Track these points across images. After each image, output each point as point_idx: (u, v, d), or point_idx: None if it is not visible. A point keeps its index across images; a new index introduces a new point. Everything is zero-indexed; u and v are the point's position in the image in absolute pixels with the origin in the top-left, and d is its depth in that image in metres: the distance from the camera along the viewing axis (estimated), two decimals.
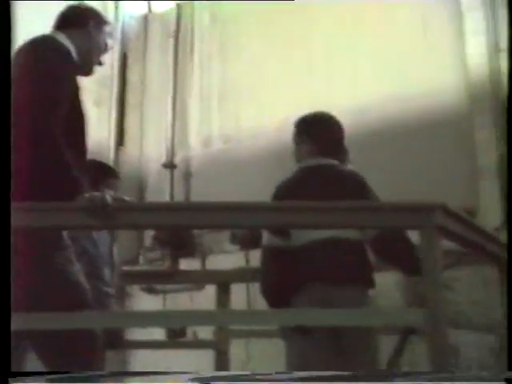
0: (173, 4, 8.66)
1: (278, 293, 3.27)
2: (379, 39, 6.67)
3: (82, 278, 2.72)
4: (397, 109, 6.39)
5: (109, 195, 2.45)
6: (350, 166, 3.58)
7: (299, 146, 3.51)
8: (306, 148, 3.46)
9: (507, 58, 2.88)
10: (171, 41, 8.41)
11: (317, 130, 3.47)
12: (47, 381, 2.34)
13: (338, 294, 3.12)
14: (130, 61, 8.66)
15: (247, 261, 6.42)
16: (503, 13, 5.41)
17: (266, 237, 3.38)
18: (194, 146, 7.98)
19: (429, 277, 2.44)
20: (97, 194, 2.46)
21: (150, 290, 6.93)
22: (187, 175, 7.89)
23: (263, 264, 3.39)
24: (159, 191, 7.90)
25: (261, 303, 3.43)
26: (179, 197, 7.77)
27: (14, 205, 2.46)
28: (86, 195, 2.46)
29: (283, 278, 3.25)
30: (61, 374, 2.46)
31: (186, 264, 7.17)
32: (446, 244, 2.64)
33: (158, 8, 8.98)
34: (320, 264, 3.19)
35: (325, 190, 3.24)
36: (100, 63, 3.03)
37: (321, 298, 3.12)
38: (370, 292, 3.30)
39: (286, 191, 3.37)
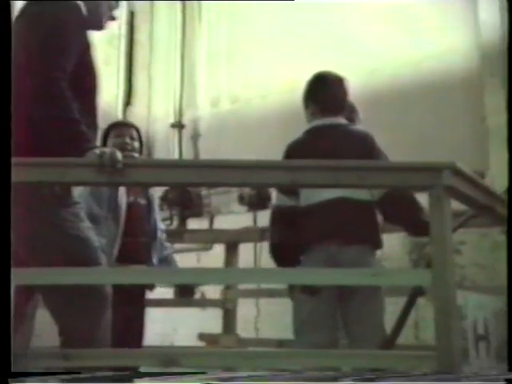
0: None
1: (287, 252, 3.27)
2: (389, 4, 6.59)
3: (92, 234, 2.72)
4: (407, 70, 6.34)
5: (118, 152, 2.43)
6: (359, 126, 3.56)
7: (307, 108, 3.51)
8: (312, 109, 3.46)
9: (507, 56, 2.86)
10: (179, 0, 8.34)
11: (319, 91, 3.47)
12: (61, 381, 2.36)
13: (345, 253, 3.12)
14: (138, 20, 8.60)
15: (255, 222, 6.44)
16: None
17: (275, 196, 3.39)
18: (202, 105, 7.95)
19: (437, 238, 2.42)
20: (106, 149, 2.45)
21: None
22: (195, 135, 7.88)
23: (272, 223, 3.40)
24: (167, 151, 7.91)
25: (268, 263, 3.45)
26: (187, 157, 7.78)
27: (18, 159, 2.45)
28: (96, 151, 2.44)
29: (291, 238, 3.26)
30: (67, 374, 2.47)
31: (193, 224, 7.19)
32: (454, 205, 2.62)
33: None
34: (328, 224, 3.19)
35: (333, 149, 3.22)
36: (113, 18, 3.00)
37: (328, 257, 3.12)
38: (378, 252, 3.31)
39: (296, 151, 3.36)
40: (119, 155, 2.43)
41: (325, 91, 3.46)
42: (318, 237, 3.19)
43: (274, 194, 3.42)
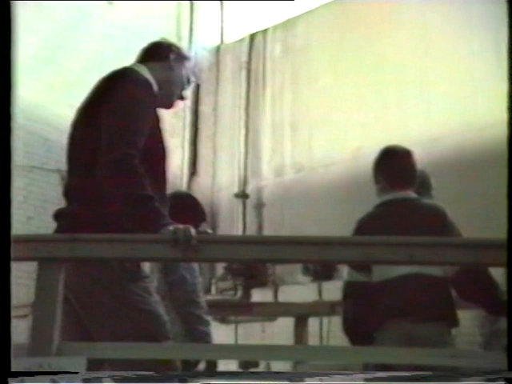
0: (245, 34, 8.76)
1: (360, 329, 3.23)
2: (451, 68, 6.60)
3: (161, 309, 2.73)
4: (470, 138, 6.30)
5: (192, 228, 2.45)
6: (430, 200, 3.53)
7: (377, 183, 3.52)
8: (382, 184, 3.47)
9: (507, 57, 2.81)
10: (243, 71, 8.50)
11: (387, 165, 3.48)
12: (83, 381, 2.35)
13: (420, 331, 3.06)
14: (203, 92, 8.78)
15: (320, 293, 6.37)
16: None
17: (347, 272, 3.36)
18: (266, 175, 8.01)
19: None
20: (181, 226, 2.47)
21: (223, 320, 6.95)
22: (259, 205, 7.92)
23: (345, 300, 3.37)
24: (231, 220, 7.95)
25: (335, 336, 3.40)
26: (251, 226, 7.81)
27: (94, 236, 2.50)
28: (170, 228, 2.47)
29: (365, 315, 3.21)
30: (66, 374, 2.45)
31: (257, 294, 7.17)
32: None
33: (230, 39, 9.09)
34: (402, 300, 3.14)
35: (404, 224, 3.20)
36: (182, 97, 3.06)
37: (403, 335, 3.07)
38: (454, 331, 3.23)
39: (366, 226, 3.35)
40: (193, 231, 2.44)
41: (393, 165, 3.47)
42: (392, 314, 3.14)
43: (345, 269, 3.39)
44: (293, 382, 3.22)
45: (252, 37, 8.68)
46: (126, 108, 2.69)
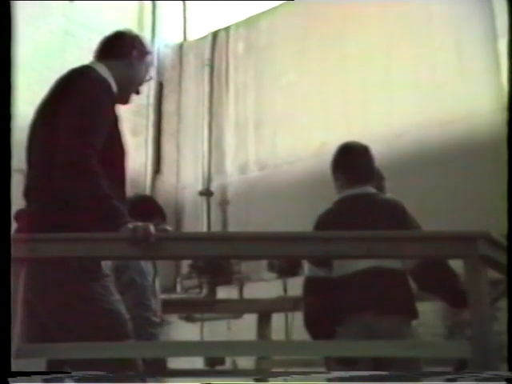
0: (208, 32, 8.74)
1: (321, 324, 3.25)
2: (414, 66, 6.66)
3: (122, 308, 2.71)
4: (433, 134, 6.36)
5: (152, 226, 2.45)
6: (389, 195, 3.56)
7: (336, 180, 3.54)
8: (341, 180, 3.49)
9: (507, 57, 2.84)
10: (206, 69, 8.48)
11: (346, 162, 3.50)
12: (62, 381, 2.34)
13: (381, 324, 3.09)
14: (166, 90, 8.75)
15: (285, 289, 6.39)
16: None
17: (307, 268, 3.38)
18: (231, 172, 8.01)
19: (475, 307, 2.38)
20: (140, 224, 2.46)
21: (188, 318, 6.94)
22: (224, 202, 7.91)
23: (306, 295, 3.38)
24: (196, 218, 7.94)
25: (299, 332, 3.41)
26: (216, 224, 7.80)
27: (51, 235, 2.49)
28: (129, 225, 2.46)
29: (325, 309, 3.23)
30: (60, 373, 2.45)
31: (223, 292, 7.17)
32: (491, 274, 2.59)
33: (193, 36, 9.06)
34: (362, 294, 3.17)
35: (364, 218, 3.23)
36: (138, 92, 3.04)
37: (364, 328, 3.09)
38: (414, 322, 3.26)
39: (326, 221, 3.37)
40: (152, 229, 2.44)
41: (351, 162, 3.50)
42: (353, 308, 3.16)
43: (306, 265, 3.41)
44: (258, 382, 3.22)
45: (215, 34, 8.66)
46: (84, 108, 2.68)
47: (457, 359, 2.96)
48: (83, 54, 3.42)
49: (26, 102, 3.00)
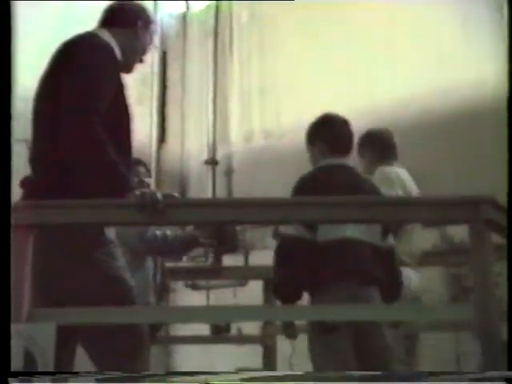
0: (211, 2, 8.69)
1: (296, 287, 3.26)
2: (418, 35, 6.62)
3: (126, 274, 2.73)
4: (437, 102, 6.35)
5: (159, 192, 2.46)
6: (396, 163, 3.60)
7: (313, 146, 3.57)
8: (320, 148, 3.52)
9: (507, 58, 2.85)
10: (210, 39, 8.44)
11: (328, 130, 3.52)
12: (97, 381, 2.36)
13: (363, 294, 3.11)
14: (170, 59, 8.72)
15: None
16: None
17: (294, 227, 3.31)
18: (236, 141, 8.00)
19: (478, 271, 2.41)
20: (147, 190, 2.48)
21: (194, 286, 6.98)
22: (229, 171, 7.92)
23: (284, 253, 3.35)
24: (201, 187, 7.95)
25: (303, 299, 3.41)
26: (221, 193, 7.81)
27: (59, 202, 2.50)
28: (136, 192, 2.47)
29: (304, 273, 3.24)
30: (67, 373, 2.46)
31: (228, 260, 7.20)
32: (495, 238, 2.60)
33: (197, 6, 9.01)
34: (345, 263, 3.18)
35: (350, 186, 3.27)
36: (141, 61, 3.04)
37: (349, 295, 3.11)
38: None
39: (310, 186, 3.37)
40: (159, 195, 2.45)
41: (334, 131, 3.51)
42: (339, 274, 3.17)
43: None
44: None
45: (218, 4, 8.61)
46: (87, 73, 2.67)
47: None
48: (85, 21, 3.41)
49: (30, 72, 3.01)
